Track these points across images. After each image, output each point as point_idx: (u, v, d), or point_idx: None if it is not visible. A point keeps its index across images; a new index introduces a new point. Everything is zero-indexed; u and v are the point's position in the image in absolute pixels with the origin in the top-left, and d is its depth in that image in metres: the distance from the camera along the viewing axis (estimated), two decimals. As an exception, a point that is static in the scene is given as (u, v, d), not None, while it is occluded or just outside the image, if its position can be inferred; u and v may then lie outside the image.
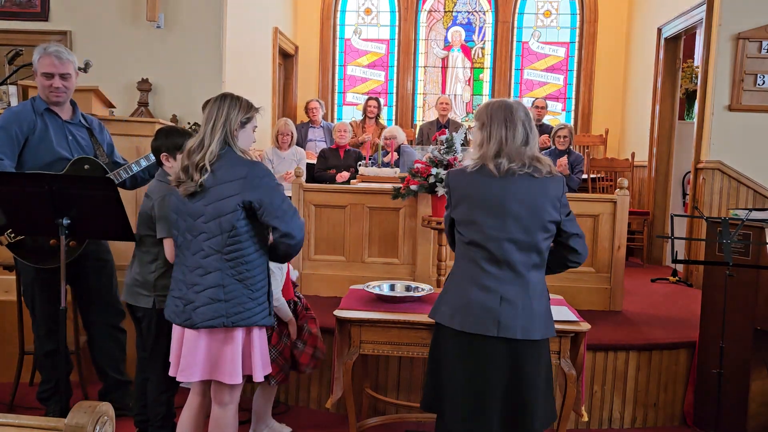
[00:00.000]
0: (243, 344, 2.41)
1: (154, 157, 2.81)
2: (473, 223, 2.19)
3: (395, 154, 5.62)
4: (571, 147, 5.68)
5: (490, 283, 2.16)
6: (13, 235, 2.92)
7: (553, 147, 5.67)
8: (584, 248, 2.29)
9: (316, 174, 5.62)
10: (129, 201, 3.49)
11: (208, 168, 2.31)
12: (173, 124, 3.21)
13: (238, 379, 2.39)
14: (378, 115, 6.85)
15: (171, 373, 2.48)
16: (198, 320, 2.33)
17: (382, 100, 7.66)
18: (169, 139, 2.72)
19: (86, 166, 3.02)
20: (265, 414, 3.09)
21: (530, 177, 2.17)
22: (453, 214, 2.27)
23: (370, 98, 6.89)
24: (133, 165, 3.09)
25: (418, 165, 3.70)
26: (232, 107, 2.38)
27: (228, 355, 2.37)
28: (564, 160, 5.48)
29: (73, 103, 3.12)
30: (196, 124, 3.51)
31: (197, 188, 2.31)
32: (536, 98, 7.05)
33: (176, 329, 2.45)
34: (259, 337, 2.46)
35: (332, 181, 5.43)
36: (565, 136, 5.56)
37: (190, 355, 2.37)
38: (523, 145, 2.19)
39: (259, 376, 2.46)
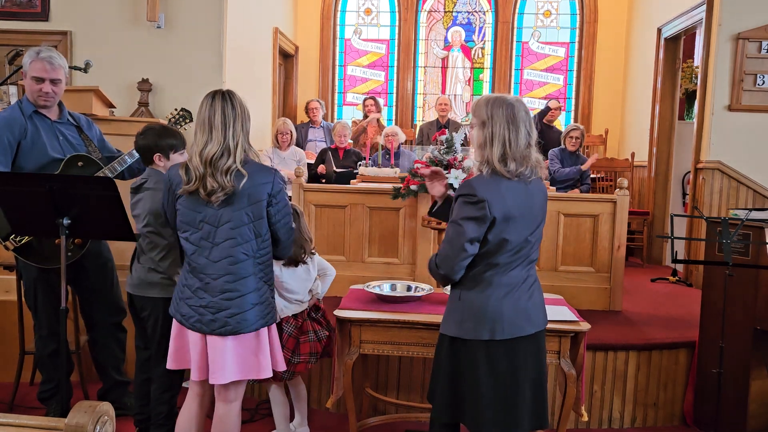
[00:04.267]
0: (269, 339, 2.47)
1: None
2: (510, 230, 2.10)
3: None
4: (580, 150, 5.70)
5: (514, 286, 2.16)
6: (18, 239, 2.92)
7: (563, 147, 5.66)
8: None
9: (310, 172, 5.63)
10: (129, 200, 3.49)
11: (244, 172, 2.28)
12: (163, 123, 3.20)
13: (270, 372, 2.44)
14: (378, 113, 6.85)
15: (195, 377, 2.45)
16: (242, 327, 2.34)
17: (381, 100, 7.67)
18: (162, 139, 2.73)
19: (79, 163, 3.01)
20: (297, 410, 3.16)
21: (536, 182, 2.20)
22: (497, 228, 2.08)
23: (367, 97, 6.90)
24: (126, 156, 3.08)
25: (418, 165, 3.70)
26: (243, 109, 2.36)
27: (261, 353, 2.41)
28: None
29: (59, 103, 3.11)
30: (183, 109, 3.48)
31: (230, 193, 2.28)
32: (550, 99, 7.03)
33: (189, 334, 2.42)
34: (274, 328, 2.52)
35: (318, 179, 5.46)
36: (577, 138, 5.58)
37: (221, 358, 2.35)
38: (526, 147, 2.13)
39: (282, 366, 2.52)
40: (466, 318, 2.15)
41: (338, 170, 5.37)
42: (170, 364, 2.50)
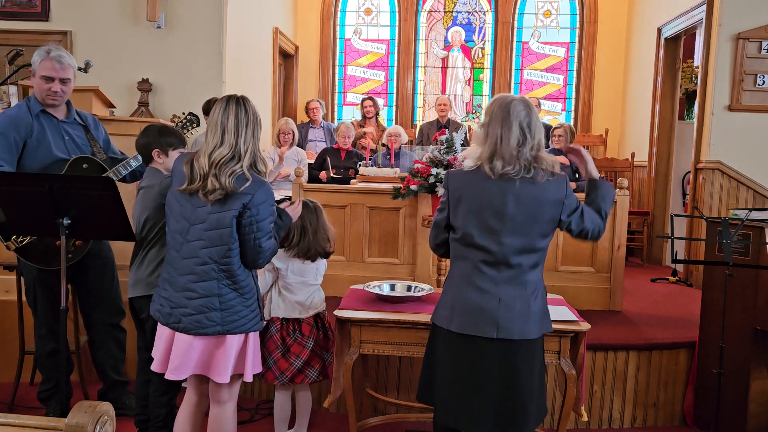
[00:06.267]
0: (240, 346, 2.42)
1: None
2: (471, 224, 2.15)
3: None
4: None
5: (487, 285, 2.14)
6: (20, 239, 2.92)
7: (550, 146, 5.67)
8: (596, 231, 2.23)
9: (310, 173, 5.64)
10: (129, 200, 3.48)
11: (248, 176, 2.29)
12: (165, 123, 3.21)
13: (227, 379, 2.39)
14: (377, 114, 6.85)
15: (155, 368, 2.45)
16: (192, 327, 2.33)
17: (381, 101, 7.67)
18: (163, 137, 2.77)
19: (85, 165, 3.01)
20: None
21: (530, 182, 2.12)
22: (451, 215, 2.23)
23: (365, 98, 6.89)
24: (131, 160, 3.09)
25: (418, 165, 3.70)
26: (255, 116, 2.36)
27: (220, 358, 2.38)
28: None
29: (67, 102, 3.11)
30: (191, 113, 3.50)
31: (228, 193, 2.28)
32: (529, 98, 7.05)
33: (163, 327, 2.44)
34: (254, 339, 2.48)
35: (318, 179, 5.46)
36: (560, 135, 5.55)
37: (183, 355, 2.36)
38: (519, 146, 2.11)
39: (249, 377, 2.46)
40: (440, 305, 2.27)
41: (335, 176, 5.38)
42: (156, 366, 2.49)
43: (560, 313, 2.74)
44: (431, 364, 2.32)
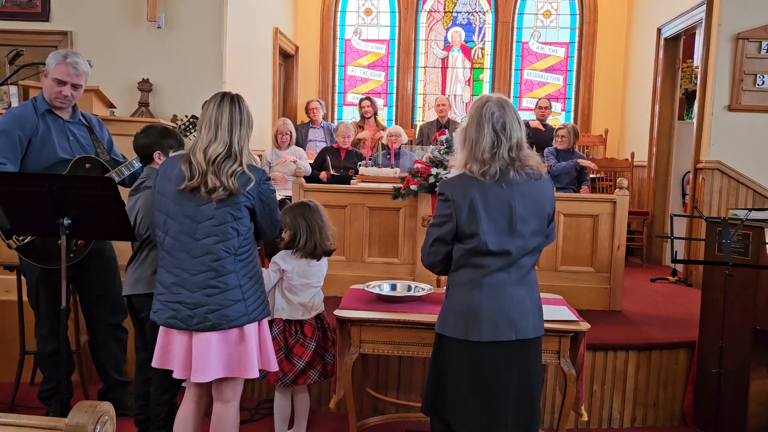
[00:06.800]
0: (257, 337, 2.45)
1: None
2: (485, 231, 2.09)
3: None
4: (574, 148, 5.68)
5: (499, 289, 2.12)
6: (21, 238, 2.92)
7: (554, 147, 5.68)
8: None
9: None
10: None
11: (251, 176, 2.32)
12: (165, 124, 3.21)
13: (257, 372, 2.42)
14: (375, 114, 6.85)
15: (177, 375, 2.42)
16: (221, 322, 2.32)
17: (380, 101, 7.67)
18: (164, 138, 2.80)
19: (87, 165, 3.03)
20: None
21: (528, 180, 2.13)
22: (463, 225, 2.11)
23: (362, 98, 6.89)
24: (134, 161, 3.10)
25: (418, 165, 3.70)
26: (248, 116, 2.40)
27: (246, 351, 2.39)
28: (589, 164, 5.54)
29: None
30: (194, 116, 3.51)
31: (232, 193, 2.30)
32: (539, 99, 7.06)
33: (173, 333, 2.40)
34: (266, 327, 2.51)
35: (320, 180, 5.46)
36: (563, 136, 5.57)
37: (204, 355, 2.34)
38: (493, 148, 2.10)
39: (274, 365, 2.51)
40: (448, 315, 2.19)
41: (335, 174, 5.38)
42: (154, 362, 2.47)
43: (560, 313, 2.75)
44: (440, 376, 2.24)
